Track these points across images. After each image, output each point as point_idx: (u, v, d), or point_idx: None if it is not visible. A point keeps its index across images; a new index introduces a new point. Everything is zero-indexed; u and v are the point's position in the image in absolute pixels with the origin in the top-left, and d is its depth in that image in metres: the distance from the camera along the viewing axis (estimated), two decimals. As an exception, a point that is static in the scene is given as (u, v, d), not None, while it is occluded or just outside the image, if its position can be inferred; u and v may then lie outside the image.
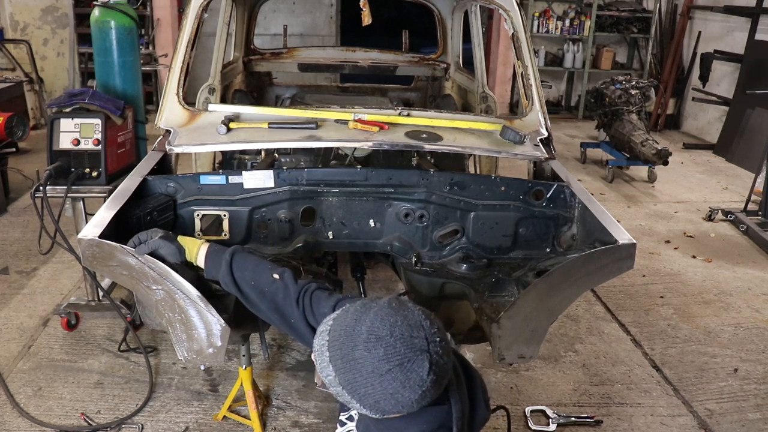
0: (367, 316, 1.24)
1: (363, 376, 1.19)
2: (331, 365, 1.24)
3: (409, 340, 1.18)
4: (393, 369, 1.17)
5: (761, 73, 7.65)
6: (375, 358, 1.18)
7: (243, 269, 1.83)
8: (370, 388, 1.19)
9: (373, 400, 1.20)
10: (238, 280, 1.83)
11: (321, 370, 1.27)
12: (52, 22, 8.51)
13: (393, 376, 1.17)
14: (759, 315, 4.21)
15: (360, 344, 1.20)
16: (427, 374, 1.18)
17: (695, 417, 3.18)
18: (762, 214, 5.66)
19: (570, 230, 2.67)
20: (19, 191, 5.70)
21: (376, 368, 1.18)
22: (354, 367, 1.20)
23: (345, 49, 5.41)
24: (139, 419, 2.97)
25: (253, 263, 1.86)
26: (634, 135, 6.51)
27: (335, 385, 1.24)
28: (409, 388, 1.18)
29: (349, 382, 1.22)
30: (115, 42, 3.66)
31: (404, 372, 1.17)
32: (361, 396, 1.22)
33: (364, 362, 1.19)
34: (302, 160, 3.52)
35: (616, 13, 9.74)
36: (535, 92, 3.07)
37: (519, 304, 2.17)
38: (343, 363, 1.22)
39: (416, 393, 1.18)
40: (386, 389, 1.18)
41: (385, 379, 1.17)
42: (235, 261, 1.84)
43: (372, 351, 1.18)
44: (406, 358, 1.17)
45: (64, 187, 3.11)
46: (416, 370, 1.17)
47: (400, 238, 2.72)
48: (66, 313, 3.59)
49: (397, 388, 1.18)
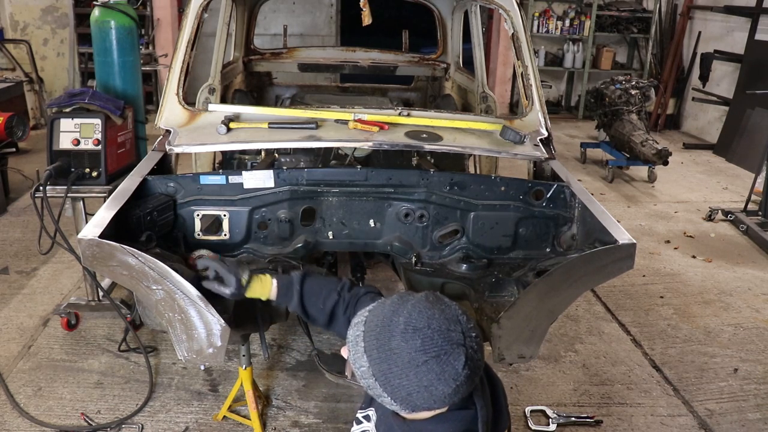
0: (405, 307, 1.24)
1: (398, 367, 1.19)
2: (366, 356, 1.23)
3: (447, 333, 1.19)
4: (429, 360, 1.17)
5: (761, 73, 7.65)
6: (412, 349, 1.18)
7: (310, 296, 1.85)
8: (405, 379, 1.19)
9: (406, 392, 1.20)
10: (307, 307, 1.85)
11: (354, 361, 1.27)
12: (52, 22, 8.51)
13: (429, 367, 1.17)
14: (759, 315, 4.21)
15: (397, 334, 1.20)
16: (462, 368, 1.18)
17: (695, 417, 3.18)
18: (762, 214, 5.66)
19: (570, 230, 2.67)
20: (19, 191, 5.70)
21: (412, 359, 1.18)
22: (390, 358, 1.20)
23: (345, 49, 5.41)
24: (139, 419, 2.97)
25: (318, 288, 1.87)
26: (634, 135, 6.51)
27: (368, 376, 1.24)
28: (444, 381, 1.18)
29: (383, 373, 1.21)
30: (115, 42, 3.66)
31: (440, 364, 1.17)
32: (394, 388, 1.21)
33: (401, 353, 1.18)
34: (302, 160, 3.52)
35: (616, 13, 9.73)
36: (535, 92, 3.07)
37: (519, 304, 2.17)
38: (379, 353, 1.21)
39: (450, 387, 1.18)
40: (421, 381, 1.18)
41: (421, 371, 1.17)
42: (305, 289, 1.86)
43: (409, 341, 1.18)
44: (443, 351, 1.17)
45: (64, 187, 3.11)
46: (452, 363, 1.17)
47: (400, 238, 2.72)
48: (66, 313, 3.59)
49: (432, 381, 1.18)
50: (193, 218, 2.60)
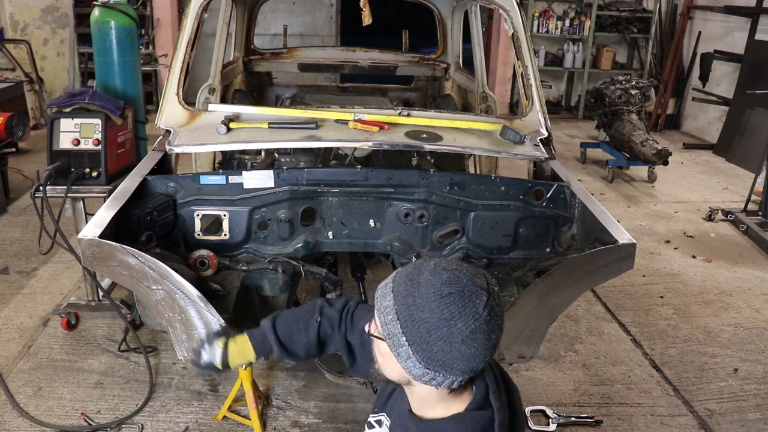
0: (435, 258, 1.34)
1: (422, 297, 1.24)
2: (392, 294, 1.28)
3: (472, 278, 1.26)
4: (453, 293, 1.22)
5: (761, 73, 7.64)
6: (438, 281, 1.24)
7: (289, 335, 1.79)
8: (427, 311, 1.23)
9: (425, 329, 1.23)
10: (293, 348, 1.80)
11: (379, 304, 1.30)
12: (52, 22, 8.51)
13: (452, 299, 1.22)
14: (759, 315, 4.21)
15: (426, 271, 1.27)
16: (483, 308, 1.22)
17: (695, 417, 3.18)
18: (762, 214, 5.65)
19: (570, 230, 2.67)
20: (19, 191, 5.69)
21: (438, 290, 1.23)
22: (416, 290, 1.25)
23: (345, 49, 5.42)
24: (139, 419, 2.97)
25: (293, 324, 1.81)
26: (634, 135, 6.51)
27: (390, 319, 1.27)
28: (463, 318, 1.22)
29: (407, 306, 1.25)
30: (115, 42, 3.66)
31: (463, 299, 1.22)
32: (415, 323, 1.24)
33: (427, 284, 1.25)
34: (302, 160, 3.52)
35: (616, 13, 9.73)
36: (535, 92, 3.07)
37: (519, 304, 2.18)
38: (406, 287, 1.27)
39: (468, 326, 1.22)
40: (442, 313, 1.22)
41: (444, 302, 1.22)
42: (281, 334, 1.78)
43: (437, 276, 1.25)
44: (467, 288, 1.24)
45: (64, 187, 3.11)
46: (474, 301, 1.23)
47: (400, 238, 2.72)
48: (66, 313, 3.59)
49: (453, 314, 1.22)
50: (193, 218, 2.60)
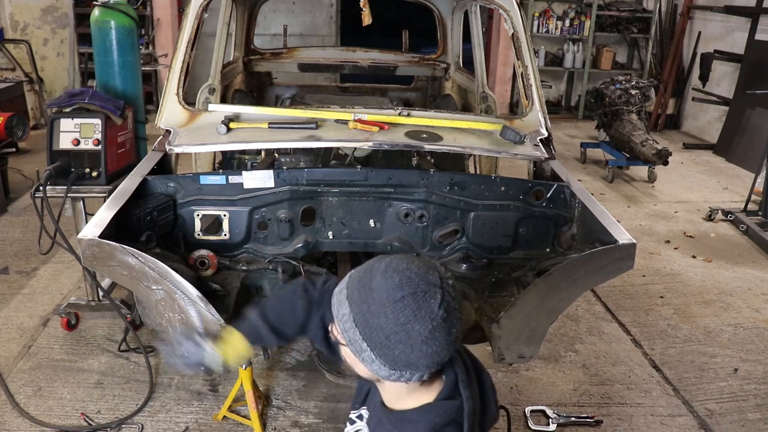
0: (386, 257, 1.33)
1: (377, 304, 1.24)
2: (347, 301, 1.28)
3: (425, 275, 1.25)
4: (407, 296, 1.22)
5: (761, 73, 7.64)
6: (390, 286, 1.24)
7: (279, 319, 1.73)
8: (383, 318, 1.23)
9: (384, 335, 1.23)
10: (285, 331, 1.74)
11: (336, 313, 1.30)
12: (52, 22, 8.50)
13: (405, 303, 1.22)
14: (759, 315, 4.21)
15: (377, 275, 1.27)
16: (438, 307, 1.22)
17: (695, 417, 3.18)
18: (762, 214, 5.65)
19: (570, 230, 2.67)
20: (19, 191, 5.69)
21: (390, 295, 1.23)
22: (369, 296, 1.25)
23: (345, 49, 5.42)
24: (139, 419, 2.97)
25: (279, 308, 1.75)
26: (634, 135, 6.51)
27: (349, 326, 1.27)
28: (420, 319, 1.22)
29: (362, 314, 1.25)
30: (115, 42, 3.66)
31: (416, 300, 1.22)
32: (373, 330, 1.24)
33: (380, 290, 1.24)
34: (302, 160, 3.52)
35: (616, 13, 9.73)
36: (535, 92, 3.07)
37: (519, 304, 2.18)
38: (359, 294, 1.27)
39: (426, 327, 1.22)
40: (398, 318, 1.22)
41: (398, 306, 1.22)
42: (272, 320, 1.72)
43: (388, 279, 1.25)
44: (420, 288, 1.23)
45: (64, 187, 3.10)
46: (429, 301, 1.22)
47: (400, 238, 2.72)
48: (66, 313, 3.59)
49: (409, 317, 1.22)
50: (193, 218, 2.60)
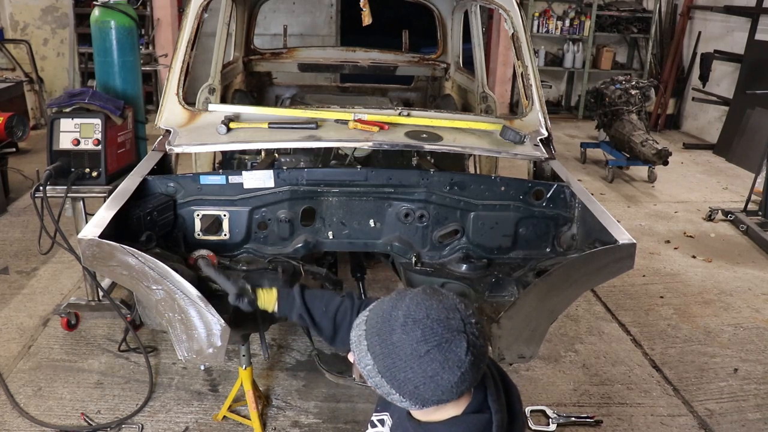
0: (403, 302, 1.26)
1: (402, 360, 1.20)
2: (369, 353, 1.25)
3: (446, 322, 1.21)
4: (432, 350, 1.19)
5: (761, 73, 7.64)
6: (413, 340, 1.20)
7: (313, 300, 1.92)
8: (410, 372, 1.20)
9: (413, 385, 1.21)
10: (312, 311, 1.91)
11: (359, 361, 1.28)
12: (52, 22, 8.51)
13: (432, 357, 1.19)
14: (759, 315, 4.21)
15: (398, 328, 1.22)
16: (465, 354, 1.19)
17: (695, 417, 3.18)
18: (762, 214, 5.65)
19: (570, 230, 2.67)
20: (19, 191, 5.69)
21: (414, 350, 1.19)
22: (393, 352, 1.21)
23: (345, 49, 5.41)
24: (139, 419, 2.97)
25: (320, 293, 1.96)
26: (634, 135, 6.51)
27: (374, 374, 1.25)
28: (449, 369, 1.19)
29: (388, 368, 1.23)
30: (115, 42, 3.66)
31: (443, 352, 1.19)
32: (400, 383, 1.22)
33: (403, 345, 1.20)
34: (302, 160, 3.52)
35: (616, 13, 9.73)
36: (535, 92, 3.07)
37: (519, 304, 2.17)
38: (382, 349, 1.23)
39: (455, 375, 1.19)
40: (425, 371, 1.19)
41: (424, 361, 1.19)
42: (306, 295, 1.94)
43: (410, 333, 1.20)
44: (444, 339, 1.19)
45: (64, 187, 3.11)
46: (454, 350, 1.19)
47: (400, 238, 2.72)
48: (66, 313, 3.59)
49: (437, 370, 1.19)
50: (193, 218, 2.60)
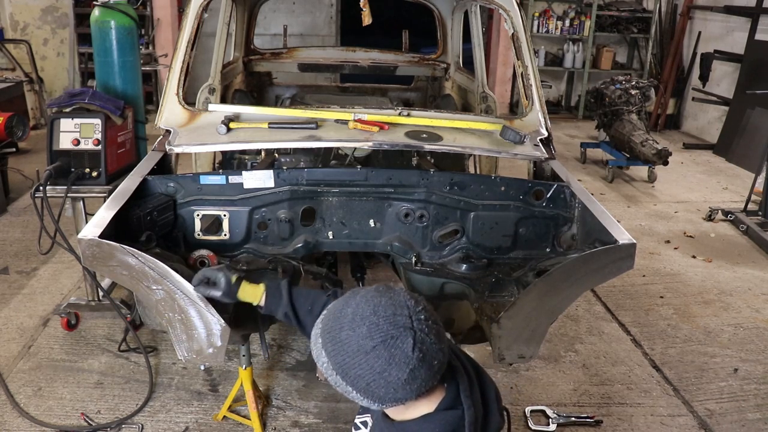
0: (354, 299, 1.29)
1: (350, 356, 1.22)
2: (324, 351, 1.27)
3: (392, 318, 1.22)
4: (377, 346, 1.20)
5: (761, 73, 7.65)
6: (359, 336, 1.21)
7: (299, 298, 1.91)
8: (359, 368, 1.22)
9: (365, 382, 1.22)
10: (297, 309, 1.90)
11: (317, 359, 1.30)
12: (52, 22, 8.51)
13: (378, 353, 1.20)
14: (759, 315, 4.21)
15: (345, 325, 1.24)
16: (411, 350, 1.20)
17: (695, 417, 3.18)
18: (762, 214, 5.66)
19: (570, 230, 2.67)
20: (19, 191, 5.70)
21: (361, 346, 1.21)
22: (342, 349, 1.23)
23: (345, 49, 5.41)
24: (139, 419, 2.97)
25: (307, 292, 1.95)
26: (634, 135, 6.51)
27: (330, 372, 1.27)
28: (396, 365, 1.20)
29: (340, 366, 1.24)
30: (115, 42, 3.66)
31: (388, 348, 1.20)
32: (353, 379, 1.24)
33: (350, 342, 1.22)
34: (302, 160, 3.52)
35: (616, 13, 9.74)
36: (535, 92, 3.07)
37: (519, 304, 2.17)
38: (333, 346, 1.25)
39: (404, 372, 1.20)
40: (374, 368, 1.20)
41: (371, 357, 1.20)
42: (294, 293, 1.92)
43: (356, 330, 1.22)
44: (389, 335, 1.20)
45: (64, 187, 3.11)
46: (400, 347, 1.20)
47: (400, 238, 2.71)
48: (66, 313, 3.59)
49: (384, 366, 1.20)
50: (193, 218, 2.60)
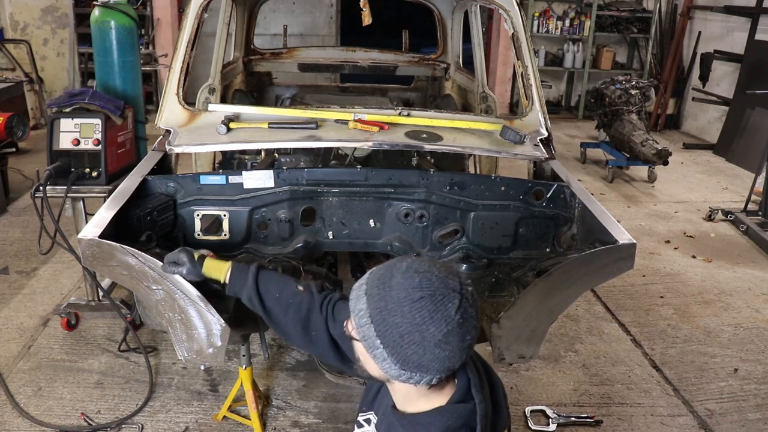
0: (410, 258, 1.33)
1: (395, 302, 1.24)
2: (366, 296, 1.28)
3: (445, 280, 1.25)
4: (425, 297, 1.22)
5: (761, 73, 7.65)
6: (410, 285, 1.24)
7: (267, 283, 1.87)
8: (400, 316, 1.23)
9: (398, 334, 1.23)
10: (263, 294, 1.86)
11: (352, 308, 1.31)
12: (52, 22, 8.51)
13: (423, 304, 1.22)
14: (759, 315, 4.21)
15: (398, 274, 1.27)
16: (455, 312, 1.22)
17: (695, 417, 3.18)
18: (762, 214, 5.65)
19: (570, 230, 2.67)
20: (19, 191, 5.70)
21: (409, 293, 1.23)
22: (388, 294, 1.25)
23: (345, 49, 5.41)
24: (139, 419, 2.97)
25: (276, 278, 1.91)
26: (634, 135, 6.51)
27: (363, 320, 1.27)
28: (436, 322, 1.21)
29: (380, 311, 1.25)
30: (115, 42, 3.66)
31: (434, 302, 1.22)
32: (388, 328, 1.24)
33: (399, 288, 1.25)
34: (302, 160, 3.52)
35: (616, 13, 9.74)
36: (535, 92, 3.07)
37: (519, 304, 2.17)
38: (378, 291, 1.27)
39: (441, 330, 1.22)
40: (414, 318, 1.22)
41: (415, 307, 1.22)
42: (261, 276, 1.88)
43: (408, 279, 1.25)
44: (439, 292, 1.23)
45: (64, 187, 3.11)
46: (446, 304, 1.22)
47: (400, 238, 2.72)
48: (66, 313, 3.59)
49: (425, 319, 1.22)
50: (193, 218, 2.60)
